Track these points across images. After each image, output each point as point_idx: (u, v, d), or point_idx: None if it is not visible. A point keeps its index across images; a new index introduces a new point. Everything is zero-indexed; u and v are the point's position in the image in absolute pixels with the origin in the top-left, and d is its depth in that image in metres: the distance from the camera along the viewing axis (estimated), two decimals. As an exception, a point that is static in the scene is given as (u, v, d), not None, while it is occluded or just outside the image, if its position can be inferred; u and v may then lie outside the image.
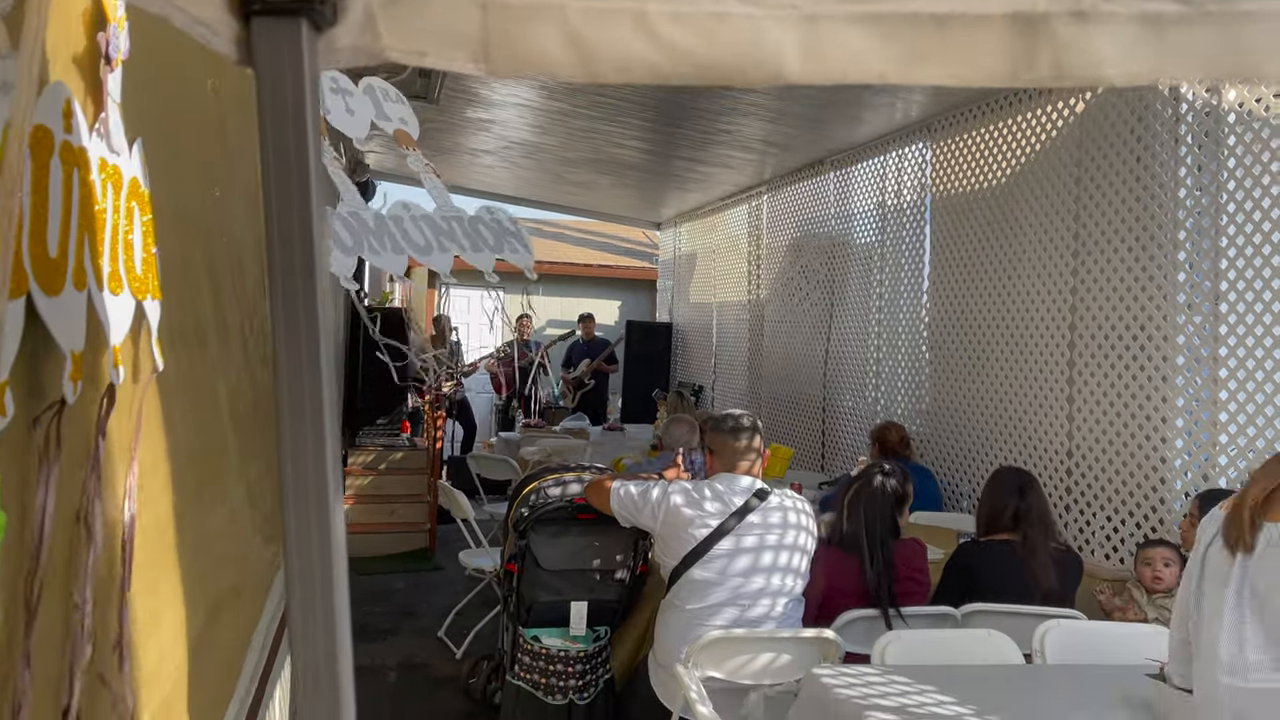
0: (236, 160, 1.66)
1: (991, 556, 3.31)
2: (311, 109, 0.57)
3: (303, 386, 0.58)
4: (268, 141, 0.57)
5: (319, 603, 0.61)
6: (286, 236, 0.56)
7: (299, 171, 0.57)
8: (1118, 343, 4.19)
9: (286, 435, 0.58)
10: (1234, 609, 1.69)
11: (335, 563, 0.62)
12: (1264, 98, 3.62)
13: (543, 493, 3.56)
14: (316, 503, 0.60)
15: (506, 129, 7.05)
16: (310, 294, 0.57)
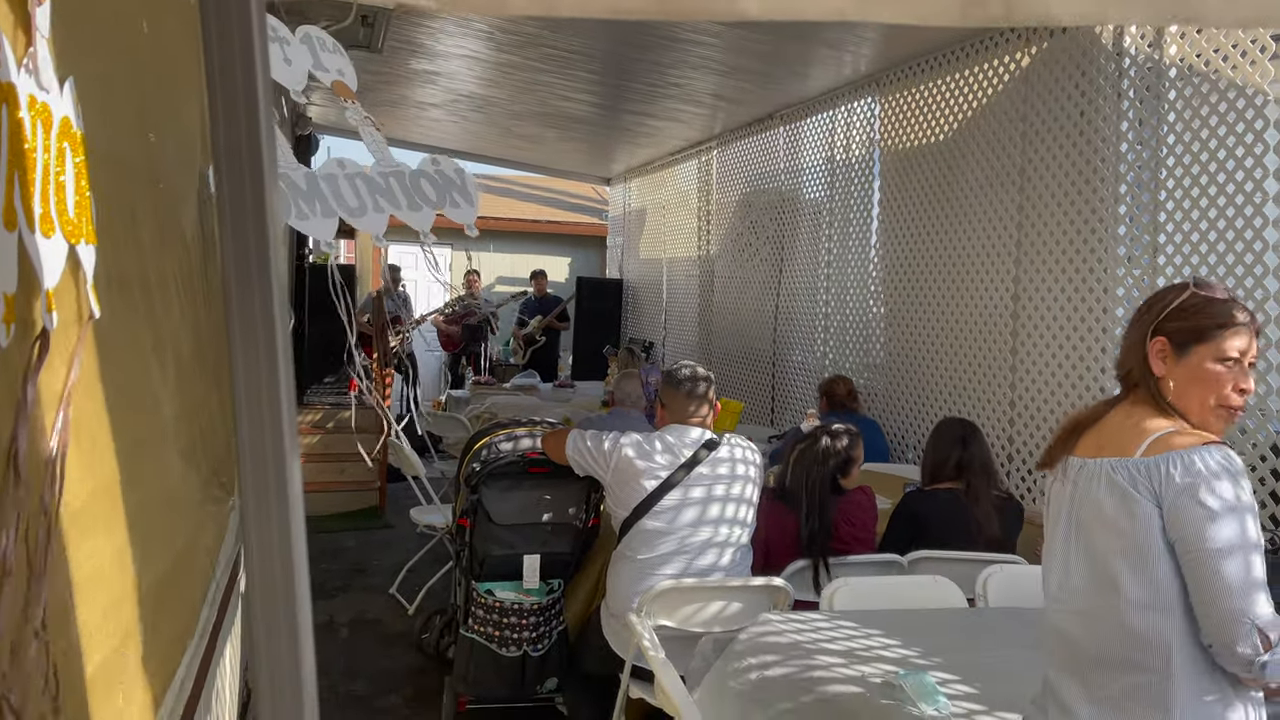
0: (172, 104, 1.61)
1: (936, 504, 3.39)
2: (260, 41, 0.56)
3: (256, 333, 0.57)
4: (214, 76, 0.55)
5: (278, 567, 0.61)
6: (236, 175, 0.55)
7: (248, 105, 0.55)
8: (1060, 294, 4.28)
9: (241, 389, 0.57)
10: (1063, 539, 1.77)
11: (294, 522, 0.61)
12: (1204, 52, 3.68)
13: (494, 447, 3.55)
14: (274, 456, 0.59)
15: (453, 81, 6.92)
16: (262, 233, 0.56)
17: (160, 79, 1.48)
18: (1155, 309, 1.75)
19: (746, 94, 6.77)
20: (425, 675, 4.26)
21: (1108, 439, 1.74)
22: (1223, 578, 1.55)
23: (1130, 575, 1.63)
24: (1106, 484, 1.68)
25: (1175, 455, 1.61)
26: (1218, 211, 3.60)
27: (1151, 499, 1.62)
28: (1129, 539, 1.64)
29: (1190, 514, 1.57)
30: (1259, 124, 3.45)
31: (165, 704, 1.61)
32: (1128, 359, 1.79)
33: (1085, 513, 1.72)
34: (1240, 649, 1.54)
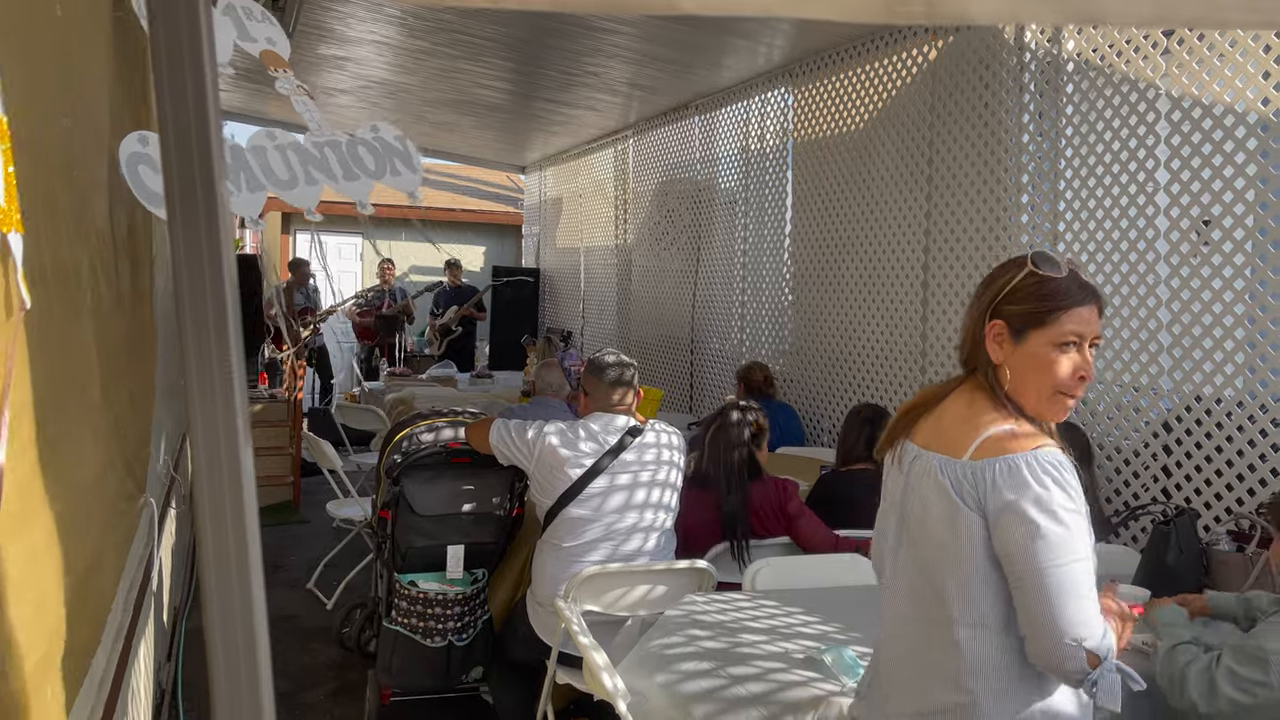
0: (83, 88, 1.57)
1: (850, 485, 3.48)
2: (205, 15, 0.56)
3: (207, 317, 0.57)
4: (160, 60, 0.55)
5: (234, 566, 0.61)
6: (184, 152, 0.55)
7: (195, 85, 0.56)
8: (968, 280, 4.43)
9: (194, 382, 0.57)
10: (895, 534, 1.68)
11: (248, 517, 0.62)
12: (1099, 47, 3.84)
13: (415, 438, 3.52)
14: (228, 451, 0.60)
15: (364, 67, 6.79)
16: (212, 220, 0.56)
17: (73, 61, 1.44)
18: (992, 289, 1.63)
19: (662, 83, 6.81)
20: (347, 669, 4.21)
21: (945, 429, 1.62)
22: (1049, 599, 1.45)
23: (955, 589, 1.53)
24: (934, 484, 1.57)
25: (1003, 462, 1.51)
26: (1112, 200, 3.77)
27: (976, 508, 1.52)
28: (952, 550, 1.54)
29: (1015, 531, 1.47)
30: (1150, 116, 3.62)
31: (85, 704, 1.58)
32: (967, 342, 1.67)
33: (914, 509, 1.63)
34: (1069, 669, 1.46)
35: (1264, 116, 3.24)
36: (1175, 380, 3.55)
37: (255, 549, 0.62)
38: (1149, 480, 3.61)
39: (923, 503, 1.60)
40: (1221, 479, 3.33)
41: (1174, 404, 3.55)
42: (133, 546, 2.48)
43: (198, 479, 0.61)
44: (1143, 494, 3.63)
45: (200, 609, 4.60)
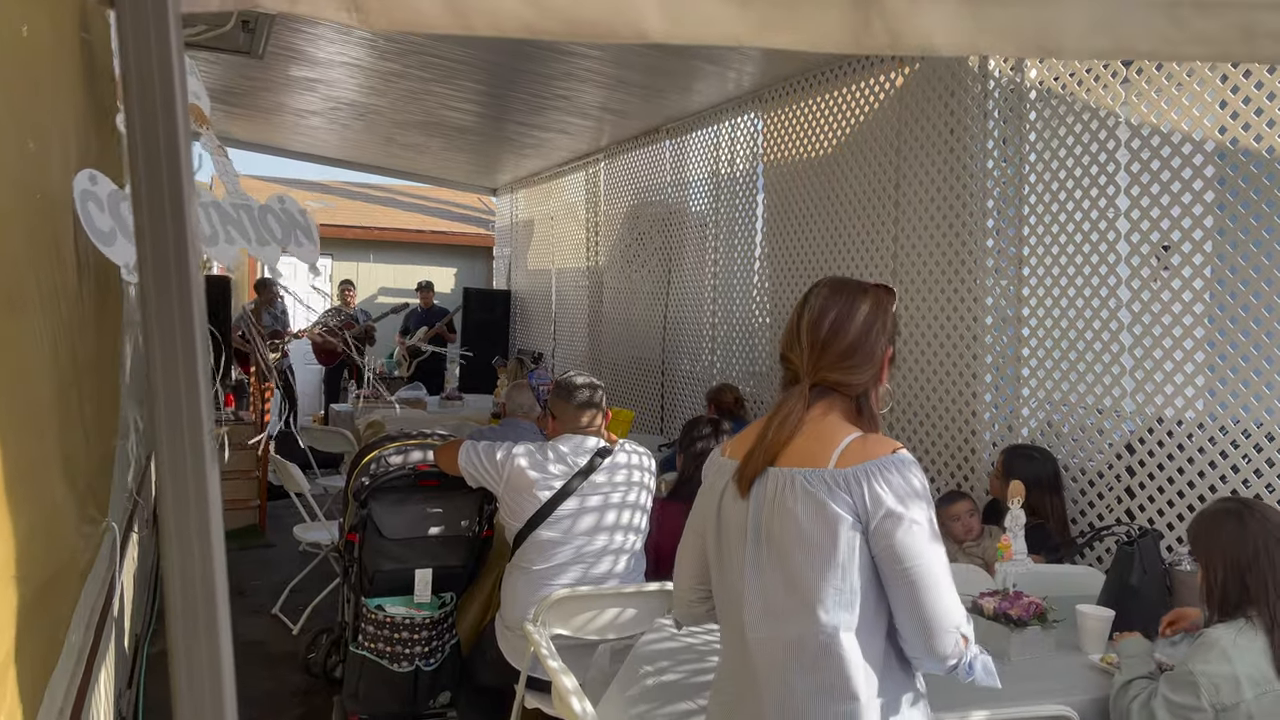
0: (46, 111, 1.55)
1: None
2: (177, 53, 0.56)
3: (176, 347, 0.57)
4: (131, 86, 0.55)
5: (199, 587, 0.61)
6: (155, 189, 0.55)
7: (166, 118, 0.56)
8: (934, 304, 4.48)
9: (161, 410, 0.57)
10: (750, 562, 1.61)
11: (214, 537, 0.62)
12: (1061, 76, 3.92)
13: (383, 461, 3.50)
14: (194, 473, 0.60)
15: (334, 89, 6.78)
16: (182, 248, 0.56)
17: (37, 84, 1.42)
18: (885, 317, 1.67)
19: (632, 107, 6.85)
20: (313, 695, 4.15)
21: (797, 447, 1.61)
22: (938, 591, 1.52)
23: (835, 596, 1.53)
24: (802, 496, 1.56)
25: (875, 466, 1.54)
26: (1075, 225, 3.84)
27: (851, 513, 1.53)
28: (829, 559, 1.53)
29: (901, 529, 1.51)
30: (1111, 144, 3.69)
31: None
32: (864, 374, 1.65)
33: (777, 527, 1.58)
34: (953, 656, 1.54)
35: (1221, 145, 3.32)
36: (1138, 402, 3.60)
37: (221, 575, 0.61)
38: (1113, 501, 3.66)
39: (788, 518, 1.57)
40: (1184, 500, 3.38)
41: (1137, 426, 3.61)
42: (94, 571, 2.44)
43: (163, 501, 0.61)
44: (1107, 515, 3.67)
45: (162, 635, 4.53)
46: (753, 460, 1.63)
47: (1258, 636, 2.07)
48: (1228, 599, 2.16)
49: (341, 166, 10.52)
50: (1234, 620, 2.12)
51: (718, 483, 1.72)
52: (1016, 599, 2.52)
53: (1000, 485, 3.64)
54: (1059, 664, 2.47)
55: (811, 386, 1.65)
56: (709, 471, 1.80)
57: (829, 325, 1.65)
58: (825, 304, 1.66)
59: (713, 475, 1.77)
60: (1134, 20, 0.82)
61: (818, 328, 1.65)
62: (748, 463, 1.64)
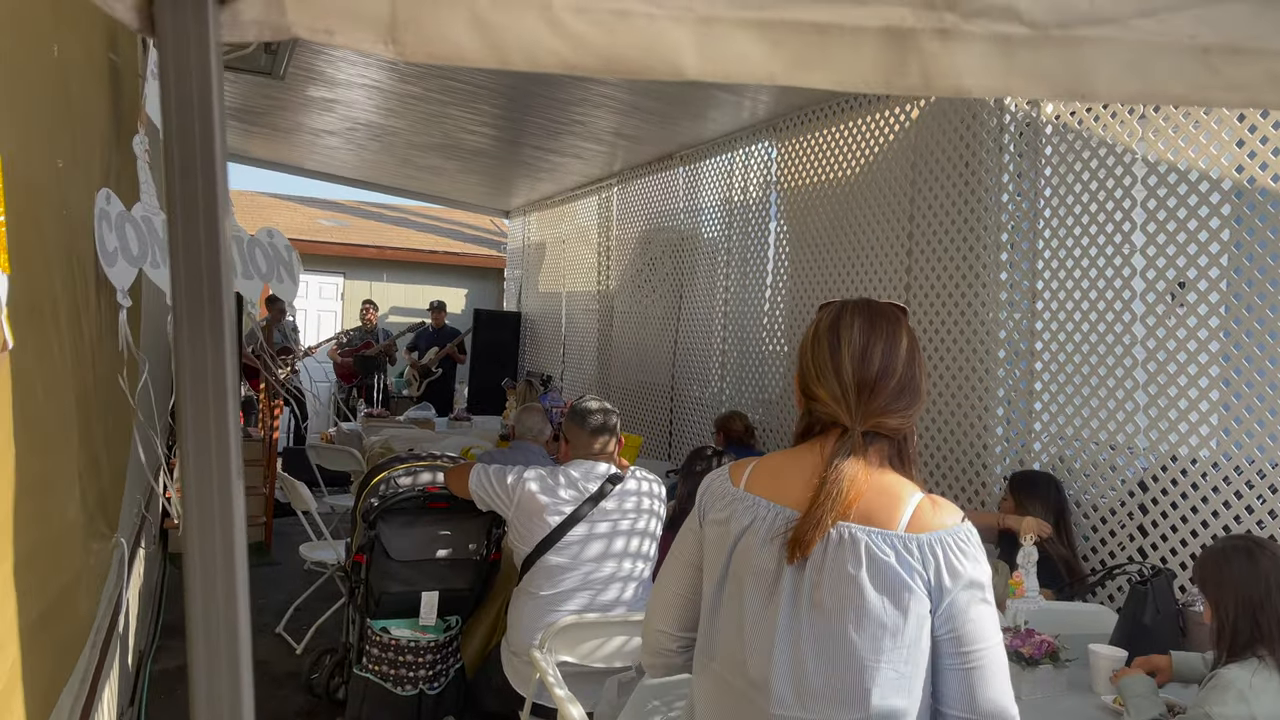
0: (78, 130, 1.57)
1: None
2: (216, 80, 0.57)
3: (206, 367, 0.57)
4: (171, 111, 0.55)
5: (220, 594, 0.61)
6: (190, 211, 0.56)
7: (203, 142, 0.56)
8: (946, 336, 4.47)
9: (188, 422, 0.57)
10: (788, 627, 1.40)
11: (237, 558, 0.61)
12: (1078, 111, 3.93)
13: (393, 482, 3.49)
14: (220, 492, 0.59)
15: (352, 110, 6.84)
16: (215, 271, 0.56)
17: (68, 103, 1.44)
18: (920, 356, 1.51)
19: (647, 134, 6.89)
20: (316, 716, 4.12)
21: (864, 501, 1.41)
22: (1003, 677, 1.38)
23: (896, 681, 1.36)
24: (869, 562, 1.37)
25: (949, 536, 1.39)
26: (1090, 261, 3.83)
27: (924, 586, 1.37)
28: (896, 635, 1.36)
29: (976, 610, 1.38)
30: (1127, 180, 3.69)
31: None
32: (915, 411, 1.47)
33: (829, 593, 1.38)
34: None
35: (1238, 183, 3.31)
36: (1151, 439, 3.58)
37: (243, 594, 0.61)
38: (1125, 539, 3.63)
39: (845, 584, 1.37)
40: (1197, 539, 3.35)
41: (1150, 463, 3.58)
42: (104, 587, 2.43)
43: (188, 515, 0.60)
44: (1119, 552, 3.64)
45: (164, 652, 4.50)
46: (819, 521, 1.39)
47: (1272, 677, 2.05)
48: (1238, 637, 2.14)
49: (358, 186, 10.60)
50: (1246, 660, 2.10)
51: (731, 519, 1.48)
52: (1028, 637, 2.49)
53: (1008, 506, 3.63)
54: (1070, 704, 2.44)
55: (863, 434, 1.44)
56: (713, 502, 1.54)
57: (879, 364, 1.44)
58: (868, 339, 1.45)
59: (722, 508, 1.51)
60: (1166, 66, 0.82)
61: (866, 366, 1.44)
62: (810, 522, 1.39)
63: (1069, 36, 0.83)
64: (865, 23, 0.74)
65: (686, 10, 0.67)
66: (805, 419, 1.53)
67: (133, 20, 0.54)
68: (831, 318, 1.51)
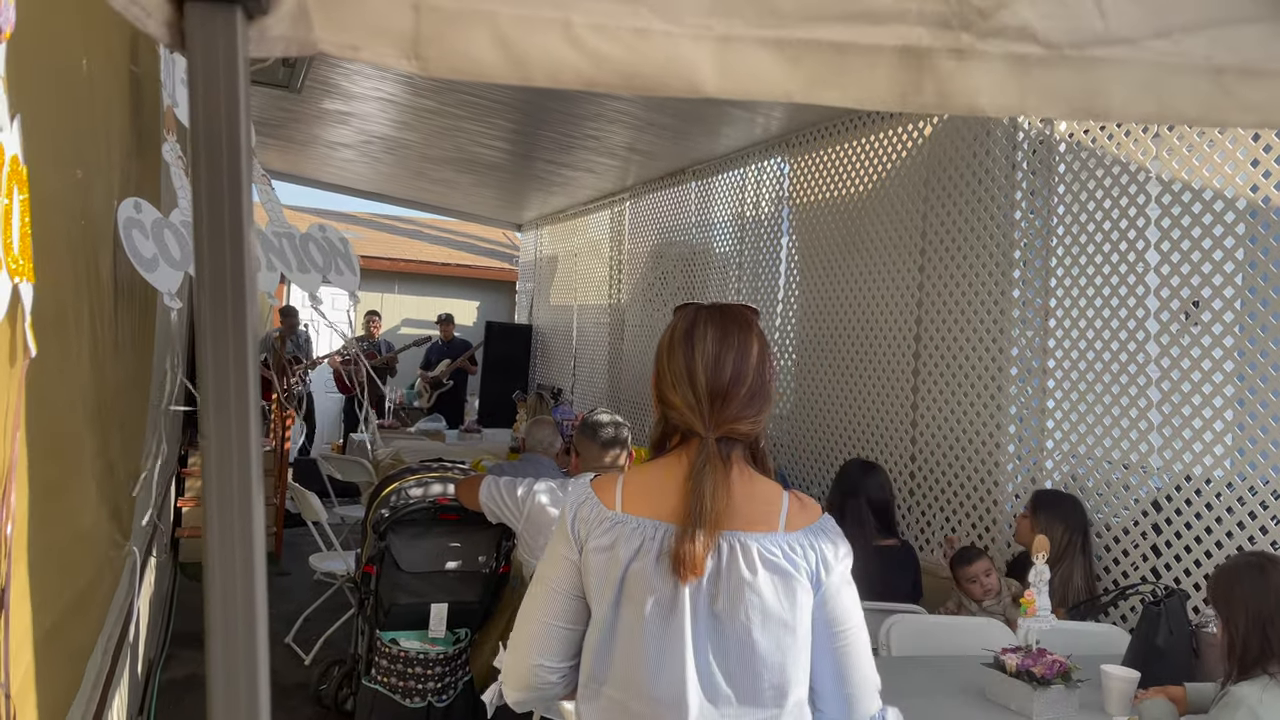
0: (101, 140, 1.59)
1: None
2: (244, 95, 0.58)
3: (229, 380, 0.58)
4: (199, 127, 0.56)
5: (240, 602, 0.61)
6: (217, 225, 0.56)
7: (230, 157, 0.57)
8: (958, 354, 4.46)
9: (211, 434, 0.58)
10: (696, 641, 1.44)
11: (256, 565, 0.62)
12: (1091, 129, 3.93)
13: (404, 493, 3.50)
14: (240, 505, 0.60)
15: (367, 122, 6.89)
16: (239, 284, 0.57)
17: (90, 115, 1.46)
18: (768, 347, 1.56)
19: (660, 149, 6.92)
20: (323, 728, 4.13)
21: (736, 506, 1.46)
22: (868, 654, 1.50)
23: (799, 673, 1.45)
24: (762, 566, 1.43)
25: (818, 529, 1.48)
26: (1103, 279, 3.82)
27: (808, 578, 1.45)
28: (795, 631, 1.44)
29: (847, 594, 1.48)
30: (1141, 199, 3.69)
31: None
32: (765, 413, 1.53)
33: (727, 602, 1.43)
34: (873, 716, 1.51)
35: (1252, 203, 3.31)
36: (1165, 459, 3.56)
37: (262, 605, 0.62)
38: (1138, 559, 3.61)
39: (742, 590, 1.42)
40: (1211, 560, 3.33)
41: (1164, 483, 3.56)
42: (115, 594, 2.45)
43: (209, 527, 0.61)
44: (1132, 572, 3.62)
45: (173, 662, 4.51)
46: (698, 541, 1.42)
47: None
48: (1249, 653, 2.13)
49: (371, 199, 10.66)
50: (1256, 677, 2.09)
51: (618, 545, 1.47)
52: (1040, 656, 2.48)
53: (1025, 525, 3.59)
54: (1082, 724, 2.43)
55: (718, 441, 1.48)
56: (590, 529, 1.50)
57: (731, 373, 1.49)
58: (720, 348, 1.50)
59: (603, 534, 1.48)
60: (1180, 86, 0.83)
61: (719, 375, 1.49)
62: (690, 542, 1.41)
63: (1084, 57, 0.84)
64: (882, 42, 0.75)
65: (705, 29, 0.68)
66: (661, 425, 1.58)
67: (164, 36, 0.55)
68: (686, 325, 1.54)
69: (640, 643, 1.44)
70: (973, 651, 2.71)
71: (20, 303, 0.92)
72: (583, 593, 1.51)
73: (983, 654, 2.59)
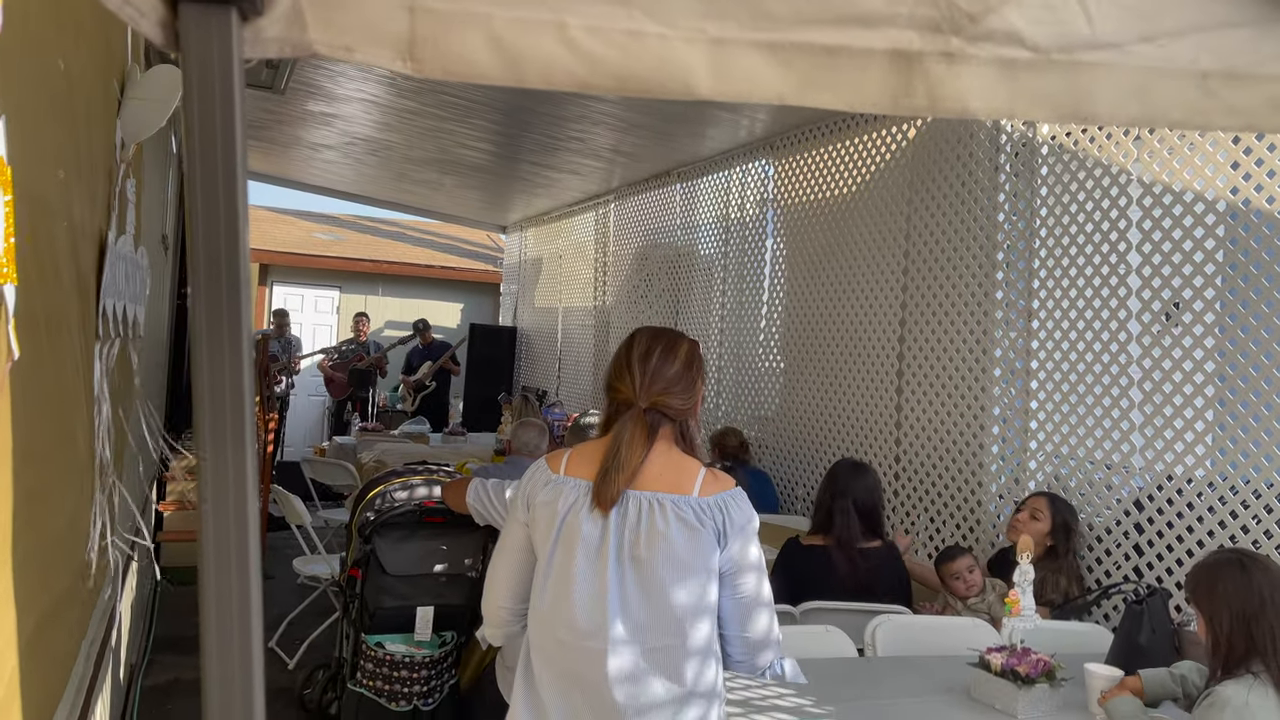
0: (80, 141, 1.58)
1: (808, 561, 3.47)
2: (238, 95, 0.57)
3: (224, 382, 0.57)
4: (194, 126, 0.56)
5: (235, 609, 0.61)
6: (211, 225, 0.56)
7: (225, 156, 0.57)
8: (942, 354, 4.48)
9: (207, 436, 0.58)
10: (615, 578, 1.75)
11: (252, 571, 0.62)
12: (1073, 132, 3.96)
13: (389, 496, 3.49)
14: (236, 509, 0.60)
15: (350, 124, 6.87)
16: (235, 284, 0.57)
17: (72, 113, 1.45)
18: (698, 361, 1.93)
19: (645, 151, 6.92)
20: (307, 733, 4.10)
21: (659, 474, 1.81)
22: (768, 605, 1.84)
23: (699, 612, 1.76)
24: (675, 521, 1.76)
25: (729, 496, 1.82)
26: (1085, 280, 3.85)
27: (715, 536, 1.78)
28: (699, 576, 1.76)
29: (749, 550, 1.81)
30: (1123, 200, 3.72)
31: (43, 765, 1.53)
32: (689, 400, 1.87)
33: (645, 548, 1.75)
34: (771, 659, 1.87)
35: (1232, 205, 3.34)
36: (1147, 459, 3.59)
37: (257, 605, 0.62)
38: (1120, 558, 3.64)
39: (657, 540, 1.75)
40: (1192, 559, 3.36)
41: (1145, 483, 3.59)
42: (97, 600, 2.42)
43: (204, 529, 0.61)
44: (1114, 571, 3.64)
45: (155, 668, 4.47)
46: (611, 481, 1.77)
47: (1269, 694, 2.05)
48: (1234, 651, 2.13)
49: (355, 201, 10.61)
50: (1241, 677, 2.10)
51: (557, 500, 1.81)
52: (1024, 655, 2.49)
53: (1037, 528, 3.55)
54: (1067, 723, 2.44)
55: (645, 410, 1.83)
56: (537, 489, 1.86)
57: (657, 356, 1.87)
58: (651, 342, 1.89)
59: (548, 493, 1.84)
60: (1166, 90, 0.84)
61: (648, 359, 1.87)
62: (605, 484, 1.77)
63: (1071, 61, 0.84)
64: (873, 45, 0.75)
65: (699, 32, 0.68)
66: (607, 410, 1.92)
67: (159, 36, 0.55)
68: (629, 337, 1.94)
69: (570, 582, 1.77)
70: (958, 651, 2.72)
71: (4, 304, 0.91)
72: (533, 549, 1.85)
73: (968, 654, 2.60)
